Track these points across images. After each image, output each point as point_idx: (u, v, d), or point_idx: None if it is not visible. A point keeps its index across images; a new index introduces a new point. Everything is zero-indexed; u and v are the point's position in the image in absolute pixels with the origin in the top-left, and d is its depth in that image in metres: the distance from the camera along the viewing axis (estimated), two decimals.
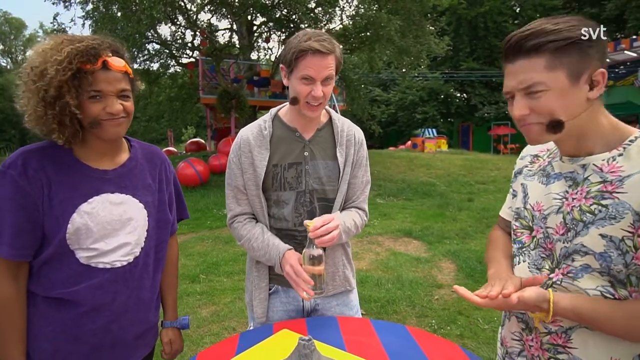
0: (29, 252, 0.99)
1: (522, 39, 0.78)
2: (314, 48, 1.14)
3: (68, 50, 0.94)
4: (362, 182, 1.39)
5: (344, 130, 1.36)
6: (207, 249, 5.20)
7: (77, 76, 0.95)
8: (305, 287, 1.10)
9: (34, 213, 0.98)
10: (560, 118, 0.78)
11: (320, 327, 1.16)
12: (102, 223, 1.03)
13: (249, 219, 1.33)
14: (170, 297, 1.30)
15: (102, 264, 1.03)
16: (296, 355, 0.84)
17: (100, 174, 1.07)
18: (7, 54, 42.93)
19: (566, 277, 0.82)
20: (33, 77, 0.95)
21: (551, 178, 0.89)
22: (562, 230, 0.83)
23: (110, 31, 8.71)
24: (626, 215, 0.75)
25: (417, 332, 1.14)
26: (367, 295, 3.57)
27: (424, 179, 9.74)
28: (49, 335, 1.00)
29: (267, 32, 13.09)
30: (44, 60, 0.94)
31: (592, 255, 0.78)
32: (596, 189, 0.80)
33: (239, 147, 1.31)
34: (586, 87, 0.77)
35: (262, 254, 1.25)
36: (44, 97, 0.93)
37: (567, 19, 0.77)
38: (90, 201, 1.03)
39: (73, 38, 0.99)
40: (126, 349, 1.09)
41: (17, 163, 0.98)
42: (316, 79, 1.18)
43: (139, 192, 1.12)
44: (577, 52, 0.76)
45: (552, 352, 0.84)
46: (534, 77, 0.77)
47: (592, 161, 0.82)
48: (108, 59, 0.99)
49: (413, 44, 10.40)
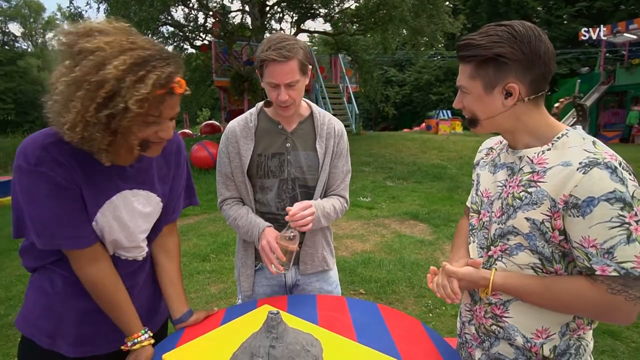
0: (90, 237, 0.99)
1: (458, 48, 0.91)
2: (270, 58, 1.23)
3: (152, 82, 0.85)
4: (343, 171, 1.49)
5: (324, 123, 1.45)
6: (218, 229, 5.39)
7: None
8: (276, 262, 1.23)
9: (79, 203, 0.97)
10: (478, 117, 0.94)
11: (299, 304, 1.28)
12: (123, 220, 1.04)
13: (236, 202, 1.45)
14: (180, 286, 1.24)
15: (125, 256, 1.08)
16: (265, 326, 0.95)
17: (119, 170, 1.03)
18: (27, 37, 43.73)
19: (504, 254, 0.93)
20: (97, 98, 0.83)
21: (497, 167, 1.00)
22: (499, 213, 0.95)
23: (124, 16, 8.82)
24: (545, 201, 0.85)
25: (386, 309, 1.24)
26: (368, 276, 3.69)
27: (436, 162, 9.70)
28: (76, 318, 1.05)
29: (280, 13, 12.99)
30: (117, 81, 0.83)
31: (521, 236, 0.89)
32: (526, 178, 0.90)
33: (227, 137, 1.43)
34: (501, 96, 0.89)
35: (245, 231, 1.38)
36: (107, 124, 0.86)
37: (498, 33, 0.86)
38: (112, 200, 1.01)
39: (144, 56, 0.87)
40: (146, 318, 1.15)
41: (45, 159, 0.91)
42: (280, 84, 1.27)
43: (155, 186, 1.12)
44: (493, 67, 0.87)
45: (494, 320, 0.96)
46: (462, 81, 0.94)
47: (526, 154, 0.92)
48: (176, 85, 0.90)
49: (427, 24, 10.18)
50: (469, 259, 1.00)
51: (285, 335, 0.94)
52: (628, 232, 0.77)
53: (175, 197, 1.20)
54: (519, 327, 0.92)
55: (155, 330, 1.22)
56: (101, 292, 1.02)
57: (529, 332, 0.91)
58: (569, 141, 0.88)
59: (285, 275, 1.46)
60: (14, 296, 3.49)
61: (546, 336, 0.90)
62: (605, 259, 0.79)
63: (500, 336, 0.95)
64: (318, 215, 1.35)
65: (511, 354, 0.94)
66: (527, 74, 0.87)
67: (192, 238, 5.03)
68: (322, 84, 13.13)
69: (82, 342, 1.06)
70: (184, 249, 4.62)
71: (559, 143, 0.89)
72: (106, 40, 0.86)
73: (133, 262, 1.12)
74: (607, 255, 0.79)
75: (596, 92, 16.52)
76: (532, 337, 0.91)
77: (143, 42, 0.90)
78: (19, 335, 1.10)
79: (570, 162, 0.83)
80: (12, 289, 3.65)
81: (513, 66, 0.86)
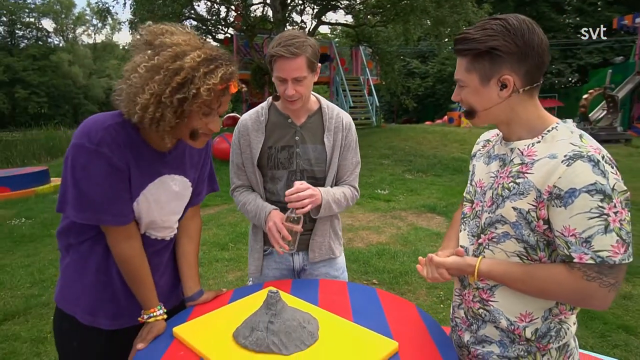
0: (130, 216, 1.08)
1: (455, 42, 0.95)
2: (279, 54, 1.29)
3: (221, 74, 0.98)
4: (352, 163, 1.55)
5: (333, 117, 1.51)
6: (237, 219, 5.53)
7: None
8: (281, 242, 1.30)
9: (126, 184, 1.06)
10: (475, 109, 0.97)
11: (302, 287, 1.35)
12: (161, 202, 1.14)
13: (246, 190, 1.54)
14: (196, 268, 1.32)
15: (154, 236, 1.17)
16: (265, 304, 1.03)
17: (161, 156, 1.13)
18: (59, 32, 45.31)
19: (492, 241, 0.97)
20: (172, 83, 0.95)
21: (491, 159, 1.04)
22: (489, 203, 0.98)
23: (149, 11, 9.05)
24: (531, 192, 0.88)
25: (384, 294, 1.30)
26: (381, 267, 3.74)
27: (456, 155, 9.58)
28: (115, 292, 1.15)
29: (301, 6, 12.99)
30: (192, 70, 0.96)
31: (508, 225, 0.93)
32: (516, 170, 0.93)
33: (239, 130, 1.50)
34: (496, 87, 0.92)
35: (253, 215, 1.46)
36: (176, 107, 0.97)
37: (493, 27, 0.89)
38: (154, 183, 1.11)
39: (213, 55, 1.00)
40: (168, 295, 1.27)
41: (107, 139, 1.00)
42: (287, 79, 1.33)
43: (188, 171, 1.22)
44: (488, 60, 0.90)
45: (481, 304, 1.00)
46: (459, 74, 0.97)
47: (517, 146, 0.96)
48: (233, 85, 1.03)
49: (449, 14, 9.97)
50: (456, 249, 1.04)
51: (283, 312, 1.01)
52: (606, 222, 0.80)
53: (201, 181, 1.30)
54: (503, 310, 0.96)
55: (169, 308, 1.29)
56: (130, 267, 1.11)
57: (513, 316, 0.95)
58: (558, 134, 0.91)
59: (294, 259, 1.54)
60: (47, 278, 3.72)
61: (529, 320, 0.94)
62: (583, 247, 0.82)
63: (487, 319, 0.99)
64: (328, 200, 1.42)
65: (496, 335, 0.99)
66: (522, 65, 0.89)
67: (212, 227, 5.19)
68: (343, 77, 13.11)
69: (120, 315, 1.16)
70: (204, 237, 4.78)
71: (549, 136, 0.92)
72: (183, 38, 1.00)
73: (161, 241, 1.21)
74: (585, 244, 0.82)
75: (630, 83, 15.77)
76: (516, 320, 0.95)
77: (210, 45, 1.05)
78: (51, 313, 1.18)
79: (556, 154, 0.87)
80: (45, 272, 3.89)
81: (507, 58, 0.89)
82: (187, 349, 1.00)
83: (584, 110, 11.53)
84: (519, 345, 0.97)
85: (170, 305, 1.32)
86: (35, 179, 7.80)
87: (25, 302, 3.23)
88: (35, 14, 42.56)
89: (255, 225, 1.55)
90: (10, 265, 4.10)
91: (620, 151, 9.82)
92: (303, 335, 0.99)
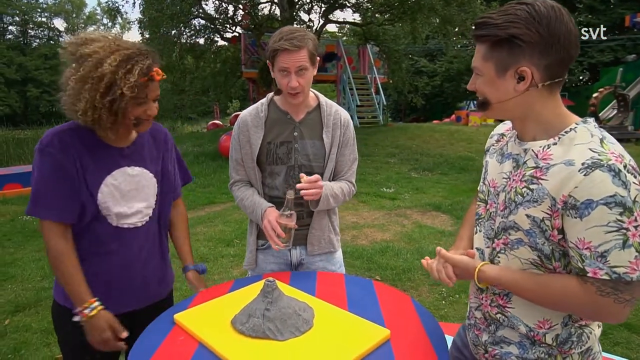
0: (72, 215, 1.18)
1: (475, 26, 0.89)
2: (283, 47, 1.33)
3: (138, 72, 1.11)
4: (350, 159, 1.58)
5: (331, 114, 1.54)
6: (242, 216, 5.58)
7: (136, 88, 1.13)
8: (276, 239, 1.34)
9: (73, 183, 1.17)
10: (489, 100, 0.91)
11: (300, 279, 1.39)
12: (124, 191, 1.24)
13: (245, 185, 1.58)
14: (186, 247, 1.50)
15: (127, 225, 1.26)
16: (262, 292, 1.07)
17: (118, 151, 1.26)
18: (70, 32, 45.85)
19: (506, 247, 0.93)
20: (99, 89, 1.09)
21: (504, 157, 0.97)
22: (502, 207, 0.94)
23: (157, 10, 9.15)
24: (545, 200, 0.83)
25: (380, 285, 1.33)
26: (384, 264, 3.76)
27: (463, 154, 9.54)
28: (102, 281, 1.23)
29: (309, 4, 13.02)
30: (112, 74, 1.09)
31: (522, 232, 0.88)
32: (529, 174, 0.88)
33: (239, 126, 1.54)
34: (513, 79, 0.85)
35: (250, 211, 1.51)
36: (109, 107, 1.10)
37: (517, 12, 0.82)
38: (113, 174, 1.23)
39: (128, 54, 1.12)
40: (156, 286, 1.36)
41: (54, 142, 1.15)
42: (290, 71, 1.37)
43: (148, 164, 1.32)
44: (507, 49, 0.83)
45: (498, 309, 0.97)
46: (476, 62, 0.90)
47: (532, 147, 0.89)
48: (154, 73, 1.17)
49: (457, 12, 9.93)
50: (468, 250, 1.02)
51: (279, 300, 1.05)
52: (625, 237, 0.75)
53: (170, 176, 1.41)
54: (521, 317, 0.93)
55: (164, 296, 1.42)
56: (60, 263, 1.16)
57: (532, 323, 0.92)
58: (576, 137, 0.84)
59: (291, 254, 1.57)
60: None
61: (548, 326, 0.91)
62: (598, 262, 0.77)
63: (505, 324, 0.97)
64: (326, 194, 1.45)
65: (516, 337, 0.96)
66: (543, 58, 0.82)
67: (218, 224, 5.26)
68: (350, 75, 13.09)
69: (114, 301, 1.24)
70: (210, 234, 4.85)
71: (566, 138, 0.85)
72: (99, 45, 1.13)
73: (135, 230, 1.28)
74: (600, 258, 0.77)
75: None
76: (535, 327, 0.92)
77: (126, 44, 1.17)
78: None
79: (574, 161, 0.80)
80: None
81: (527, 49, 0.81)
82: (187, 335, 1.05)
83: (593, 109, 11.39)
84: (539, 347, 0.93)
85: (165, 292, 1.42)
86: None
87: (36, 294, 3.31)
88: (47, 13, 43.14)
89: (251, 220, 1.59)
90: (21, 259, 4.20)
91: (631, 150, 9.69)
92: (298, 322, 1.02)
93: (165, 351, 0.98)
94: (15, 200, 6.87)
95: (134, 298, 1.31)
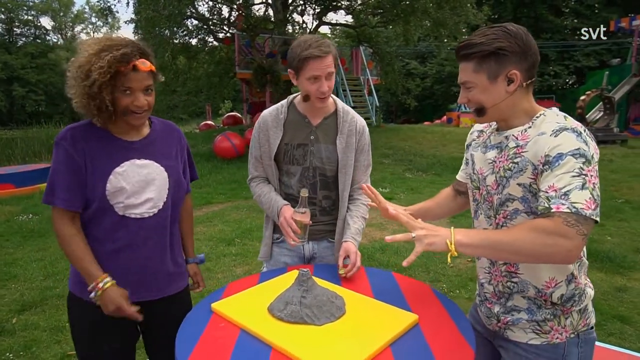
0: (78, 204, 1.26)
1: (459, 49, 1.07)
2: (314, 54, 1.41)
3: (108, 58, 1.17)
4: (364, 165, 1.66)
5: (347, 120, 1.61)
6: (242, 216, 5.64)
7: (113, 77, 1.19)
8: (292, 235, 1.43)
9: (80, 174, 1.25)
10: (485, 106, 1.08)
11: (324, 270, 1.46)
12: (132, 182, 1.29)
13: (262, 181, 1.66)
14: (189, 241, 1.59)
15: (134, 215, 1.30)
16: (297, 282, 1.14)
17: (129, 144, 1.33)
18: (57, 31, 45.20)
19: (506, 219, 1.09)
20: (80, 75, 1.20)
21: (488, 148, 1.16)
22: (495, 186, 1.11)
23: (154, 10, 9.12)
24: (528, 167, 1.02)
25: (400, 276, 1.41)
26: (385, 261, 3.86)
27: (455, 154, 9.71)
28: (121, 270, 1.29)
29: (302, 6, 13.10)
30: (89, 62, 1.19)
31: (517, 200, 1.05)
32: (512, 152, 1.06)
33: (259, 125, 1.62)
34: (504, 83, 1.05)
35: (267, 207, 1.59)
36: (88, 92, 1.20)
37: (495, 32, 1.03)
38: (122, 165, 1.29)
39: (112, 44, 1.21)
40: (166, 280, 1.40)
41: (67, 136, 1.25)
42: (321, 77, 1.45)
43: (159, 158, 1.38)
44: (494, 60, 1.03)
45: (508, 277, 1.12)
46: (466, 77, 1.08)
47: (512, 133, 1.09)
48: (137, 63, 1.22)
49: (450, 16, 10.11)
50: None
51: (314, 289, 1.12)
52: (584, 181, 0.92)
53: (182, 171, 1.47)
54: (530, 280, 1.09)
55: (178, 290, 1.46)
56: (69, 245, 1.25)
57: (540, 284, 1.07)
58: (546, 118, 1.05)
59: (304, 248, 1.65)
60: (59, 272, 3.82)
61: (555, 284, 1.07)
62: (562, 199, 0.91)
63: (515, 290, 1.12)
64: (358, 241, 1.54)
65: (524, 304, 1.12)
66: (524, 62, 1.03)
67: (217, 224, 5.30)
68: (343, 76, 13.20)
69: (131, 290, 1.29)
70: (210, 234, 4.89)
71: (538, 121, 1.05)
72: (87, 43, 1.24)
73: (142, 220, 1.32)
74: (563, 196, 0.91)
75: (627, 85, 15.95)
76: (543, 287, 1.07)
77: (112, 39, 1.24)
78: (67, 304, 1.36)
79: (545, 131, 1.00)
80: (57, 265, 3.98)
81: (512, 57, 1.02)
82: (227, 322, 1.11)
83: (581, 112, 11.69)
84: (545, 309, 1.09)
85: (179, 287, 1.47)
86: (39, 176, 7.86)
87: (41, 293, 3.32)
88: (34, 11, 42.45)
89: (267, 215, 1.67)
90: (22, 259, 4.19)
91: (617, 152, 9.99)
92: (332, 309, 1.10)
93: (210, 336, 1.04)
94: (9, 200, 6.80)
95: (142, 288, 1.34)
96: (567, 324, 1.09)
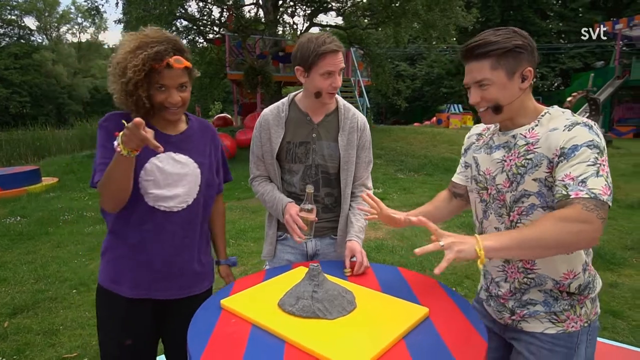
0: None
1: (475, 47, 1.07)
2: (330, 49, 1.42)
3: (142, 56, 1.20)
4: (365, 162, 1.68)
5: (348, 117, 1.62)
6: (235, 217, 5.61)
7: (148, 74, 1.22)
8: (299, 232, 1.43)
9: None
10: (501, 103, 1.09)
11: (329, 267, 1.47)
12: (165, 174, 1.31)
13: (265, 180, 1.66)
14: (220, 242, 1.61)
15: (163, 207, 1.32)
16: (308, 276, 1.14)
17: (166, 137, 1.35)
18: (42, 31, 44.37)
19: (522, 215, 1.11)
20: (118, 72, 1.24)
21: (493, 149, 1.18)
22: (507, 184, 1.12)
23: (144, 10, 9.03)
24: (543, 161, 1.05)
25: (406, 271, 1.42)
26: (381, 260, 3.88)
27: (446, 155, 9.82)
28: (115, 261, 1.32)
29: (293, 7, 13.11)
30: (125, 60, 1.23)
31: (533, 195, 1.07)
32: (523, 149, 1.09)
33: (260, 124, 1.62)
34: (519, 80, 1.08)
35: (271, 206, 1.59)
36: (125, 89, 1.23)
37: (506, 32, 1.07)
38: (158, 156, 1.32)
39: (148, 41, 1.23)
40: (191, 278, 1.40)
41: (110, 118, 1.30)
42: (335, 72, 1.46)
43: (194, 154, 1.40)
44: (512, 56, 1.05)
45: (525, 274, 1.15)
46: (483, 74, 1.07)
47: (519, 132, 1.12)
48: (171, 61, 1.24)
49: (439, 18, 10.23)
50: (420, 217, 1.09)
51: (325, 283, 1.13)
52: (598, 169, 0.96)
53: (214, 170, 1.48)
54: (548, 274, 1.11)
55: (201, 291, 1.45)
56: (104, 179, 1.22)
57: (558, 276, 1.10)
58: (552, 116, 1.09)
59: (307, 245, 1.65)
60: (50, 274, 3.75)
61: (573, 275, 1.10)
62: (580, 186, 0.95)
63: (532, 285, 1.14)
64: (361, 239, 1.55)
65: (540, 297, 1.14)
66: (533, 60, 1.08)
67: None
68: None
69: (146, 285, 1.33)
70: None
71: (544, 119, 1.09)
72: (125, 39, 1.26)
73: (170, 214, 1.33)
74: (581, 183, 0.95)
75: (610, 87, 16.35)
76: (561, 279, 1.10)
77: (152, 33, 1.26)
78: (60, 307, 1.35)
79: (557, 127, 1.04)
80: (48, 268, 3.91)
81: (526, 54, 1.06)
82: (238, 317, 1.11)
83: None
84: (563, 300, 1.12)
85: (202, 288, 1.47)
86: (27, 178, 7.72)
87: (33, 297, 3.26)
88: (17, 11, 41.60)
89: (270, 213, 1.66)
90: (11, 262, 4.11)
91: None
92: (344, 303, 1.10)
93: (222, 332, 1.03)
94: None
95: (166, 284, 1.35)
96: (581, 313, 1.13)
